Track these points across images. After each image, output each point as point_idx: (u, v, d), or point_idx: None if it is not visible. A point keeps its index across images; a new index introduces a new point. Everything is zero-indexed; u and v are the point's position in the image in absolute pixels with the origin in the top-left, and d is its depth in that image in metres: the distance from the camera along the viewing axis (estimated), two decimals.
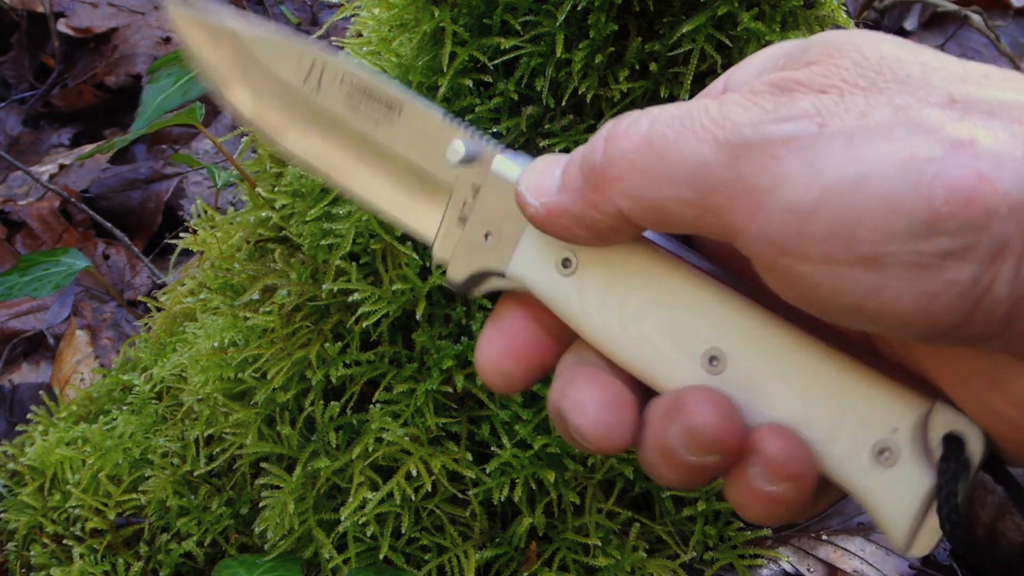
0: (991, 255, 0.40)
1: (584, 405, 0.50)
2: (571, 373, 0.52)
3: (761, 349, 0.49)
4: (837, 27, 0.85)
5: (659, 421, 0.49)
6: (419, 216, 0.57)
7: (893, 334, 0.47)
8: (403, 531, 0.85)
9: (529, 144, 0.81)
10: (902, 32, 2.45)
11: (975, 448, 0.46)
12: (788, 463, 0.47)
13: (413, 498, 0.84)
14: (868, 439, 0.47)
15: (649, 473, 0.50)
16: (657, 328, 0.51)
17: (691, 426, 0.47)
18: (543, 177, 0.50)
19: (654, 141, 0.45)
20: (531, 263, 0.53)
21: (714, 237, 0.45)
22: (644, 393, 0.52)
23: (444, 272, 0.57)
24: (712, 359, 0.50)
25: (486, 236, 0.54)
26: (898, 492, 0.47)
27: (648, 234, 0.51)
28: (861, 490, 0.48)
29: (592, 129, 0.81)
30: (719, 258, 0.55)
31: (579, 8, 0.76)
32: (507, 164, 0.53)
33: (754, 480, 0.47)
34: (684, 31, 0.76)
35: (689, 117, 0.44)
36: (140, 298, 1.30)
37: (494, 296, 0.56)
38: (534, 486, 0.84)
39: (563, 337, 0.54)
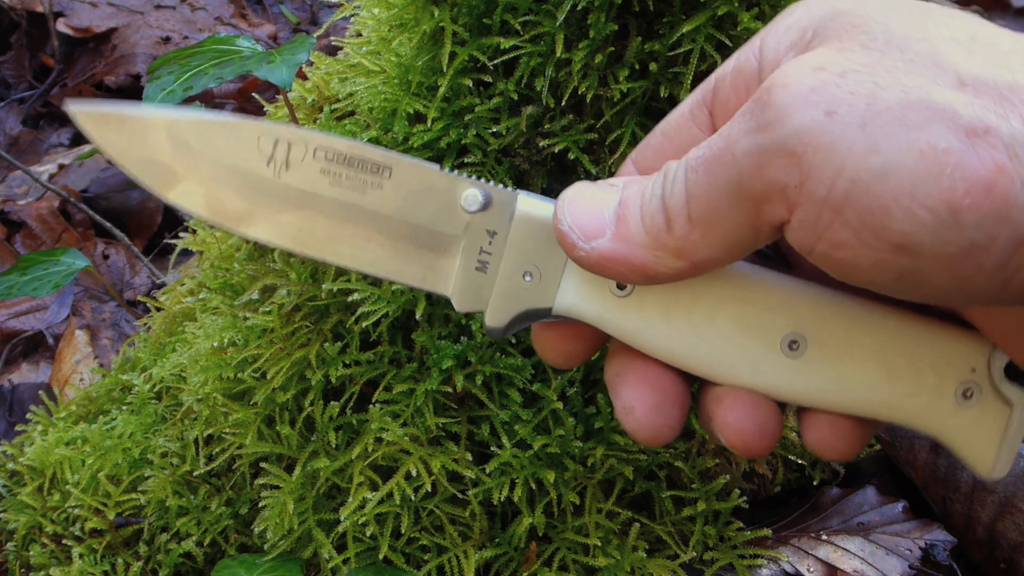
0: (1014, 244, 0.41)
1: (635, 410, 0.54)
2: (621, 367, 0.55)
3: (836, 325, 0.52)
4: None
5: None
6: (427, 274, 0.56)
7: (935, 302, 0.50)
8: (403, 531, 0.85)
9: (529, 144, 0.81)
10: None
11: None
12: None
13: (413, 498, 0.84)
14: (952, 383, 0.52)
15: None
16: (732, 324, 0.52)
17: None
18: (590, 217, 0.50)
19: (694, 189, 0.46)
20: (581, 294, 0.53)
21: (770, 241, 0.47)
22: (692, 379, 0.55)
23: (480, 323, 0.56)
24: (792, 343, 0.52)
25: (524, 276, 0.54)
26: (984, 423, 0.52)
27: None
28: (949, 429, 0.53)
29: (592, 129, 0.81)
30: (779, 249, 0.58)
31: (579, 8, 0.76)
32: (534, 203, 0.54)
33: None
34: (684, 31, 0.76)
35: (712, 151, 0.46)
36: (140, 298, 1.29)
37: None
38: (534, 486, 0.84)
39: None
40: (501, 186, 0.55)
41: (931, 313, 0.53)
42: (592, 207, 0.50)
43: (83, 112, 0.55)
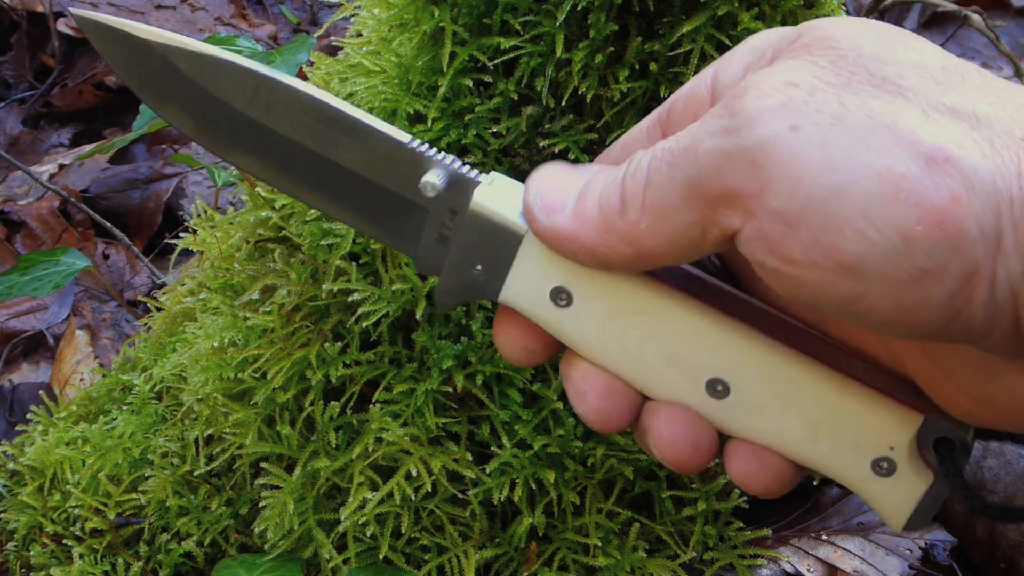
0: (964, 277, 0.41)
1: (586, 394, 0.54)
2: (574, 355, 0.55)
3: (763, 377, 0.52)
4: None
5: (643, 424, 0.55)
6: (395, 232, 0.57)
7: (879, 332, 0.49)
8: (403, 531, 0.85)
9: (529, 144, 0.81)
10: None
11: (963, 444, 0.51)
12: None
13: (413, 498, 0.84)
14: (867, 456, 0.52)
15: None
16: (659, 358, 0.53)
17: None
18: (556, 194, 0.51)
19: (653, 178, 0.46)
20: (523, 295, 0.54)
21: (721, 249, 0.47)
22: None
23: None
24: (715, 387, 0.52)
25: (474, 266, 0.55)
26: (899, 493, 0.52)
27: None
28: (862, 492, 0.53)
29: (592, 129, 0.81)
30: (728, 264, 0.57)
31: (579, 8, 0.76)
32: (492, 196, 0.54)
33: None
34: (684, 31, 0.76)
35: (678, 146, 0.46)
36: (140, 298, 1.30)
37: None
38: (534, 486, 0.84)
39: None
40: (468, 167, 0.55)
41: (871, 369, 0.52)
42: (560, 185, 0.51)
43: (87, 20, 0.57)
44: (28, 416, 1.07)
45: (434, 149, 0.55)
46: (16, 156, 2.05)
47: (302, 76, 0.95)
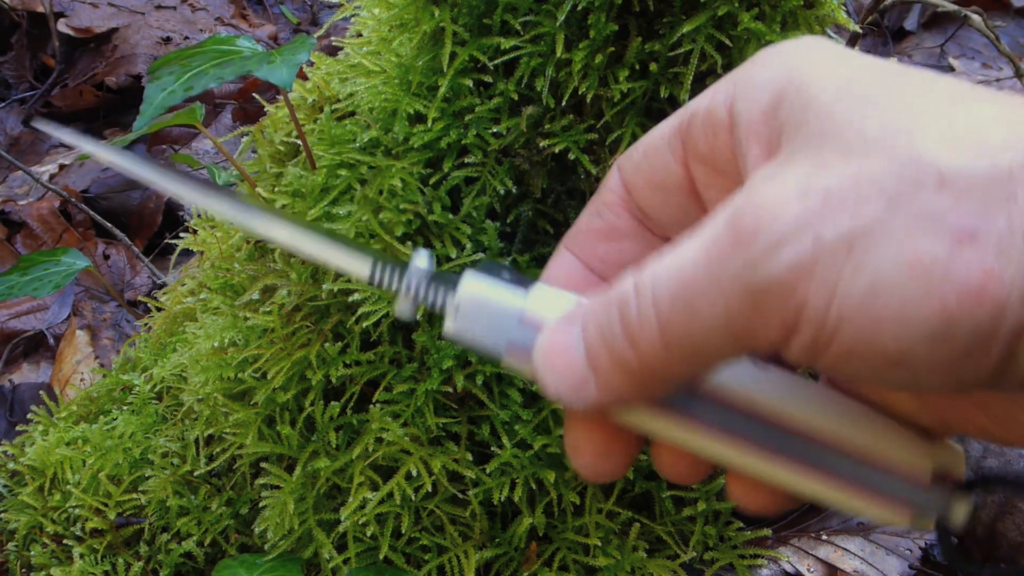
0: (1010, 342, 0.41)
1: (579, 450, 0.54)
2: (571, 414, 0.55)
3: None
4: (836, 26, 0.85)
5: None
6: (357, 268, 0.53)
7: (928, 391, 0.51)
8: (403, 531, 0.85)
9: (529, 144, 0.81)
10: (902, 32, 2.44)
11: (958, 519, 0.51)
12: None
13: (413, 498, 0.84)
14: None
15: None
16: None
17: None
18: (568, 372, 0.49)
19: (667, 321, 0.45)
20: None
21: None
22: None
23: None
24: None
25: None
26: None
27: None
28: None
29: (592, 129, 0.81)
30: None
31: (579, 8, 0.76)
32: (462, 329, 0.50)
33: None
34: (684, 31, 0.76)
35: (687, 279, 0.45)
36: (140, 298, 1.30)
37: None
38: (534, 486, 0.84)
39: None
40: (437, 283, 0.51)
41: (859, 465, 0.52)
42: (565, 361, 0.50)
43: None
44: (28, 416, 1.07)
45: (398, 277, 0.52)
46: (16, 156, 2.06)
47: (302, 76, 0.95)
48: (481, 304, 0.50)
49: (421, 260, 0.52)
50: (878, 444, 0.51)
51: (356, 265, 0.52)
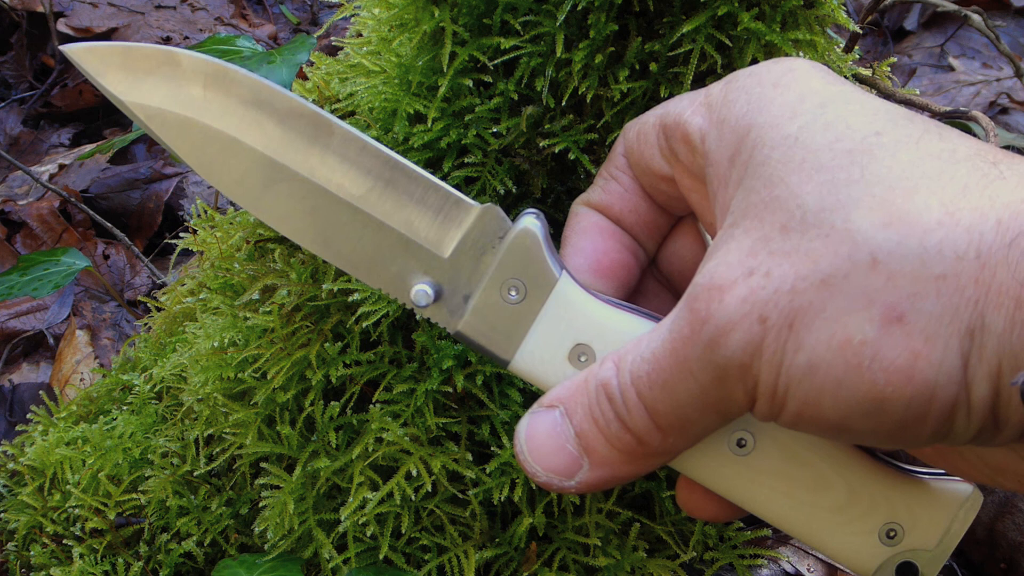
0: (943, 416, 0.43)
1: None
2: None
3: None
4: (836, 26, 0.85)
5: None
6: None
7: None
8: (403, 531, 0.85)
9: (529, 144, 0.81)
10: (902, 32, 2.44)
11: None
12: None
13: (413, 498, 0.84)
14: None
15: None
16: None
17: None
18: (557, 458, 0.54)
19: (654, 407, 0.50)
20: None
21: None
22: None
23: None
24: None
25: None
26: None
27: None
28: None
29: (592, 129, 0.81)
30: None
31: (579, 8, 0.76)
32: (473, 329, 0.62)
33: None
34: (684, 31, 0.76)
35: (655, 365, 0.50)
36: (140, 298, 1.30)
37: None
38: (534, 486, 0.84)
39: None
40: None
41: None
42: (552, 447, 0.54)
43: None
44: (28, 416, 1.07)
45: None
46: (16, 156, 2.06)
47: (302, 76, 0.95)
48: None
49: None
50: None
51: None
